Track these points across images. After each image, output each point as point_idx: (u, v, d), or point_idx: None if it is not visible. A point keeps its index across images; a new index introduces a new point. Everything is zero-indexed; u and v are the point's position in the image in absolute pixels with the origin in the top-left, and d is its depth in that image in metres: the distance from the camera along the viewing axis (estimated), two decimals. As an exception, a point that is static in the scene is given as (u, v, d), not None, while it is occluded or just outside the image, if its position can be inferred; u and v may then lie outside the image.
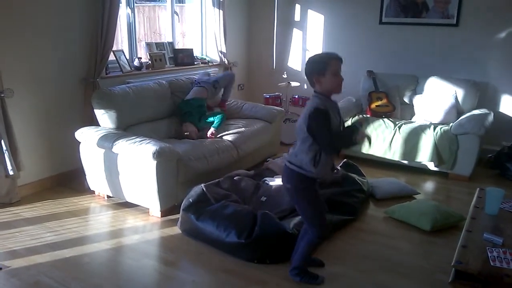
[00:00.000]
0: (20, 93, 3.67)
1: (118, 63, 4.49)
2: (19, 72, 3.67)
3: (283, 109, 5.39)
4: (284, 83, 5.68)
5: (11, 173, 3.58)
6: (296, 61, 6.27)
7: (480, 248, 2.36)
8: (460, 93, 4.84)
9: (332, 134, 2.38)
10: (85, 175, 3.90)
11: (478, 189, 3.14)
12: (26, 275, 2.73)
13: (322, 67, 2.38)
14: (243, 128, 4.55)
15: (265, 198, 3.55)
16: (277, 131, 5.15)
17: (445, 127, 4.49)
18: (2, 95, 3.47)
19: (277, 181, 3.83)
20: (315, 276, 2.73)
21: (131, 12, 4.71)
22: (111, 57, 4.33)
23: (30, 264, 2.84)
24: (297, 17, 6.12)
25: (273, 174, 4.06)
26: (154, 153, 3.31)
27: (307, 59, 2.48)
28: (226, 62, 5.93)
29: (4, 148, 3.53)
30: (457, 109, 4.79)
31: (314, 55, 2.46)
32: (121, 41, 4.89)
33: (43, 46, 3.82)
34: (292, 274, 2.73)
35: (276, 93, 5.72)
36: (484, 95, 4.95)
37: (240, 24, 6.34)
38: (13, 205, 3.69)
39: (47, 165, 4.04)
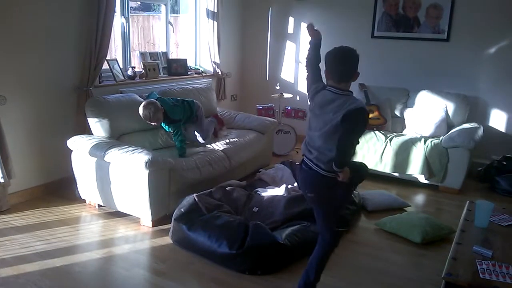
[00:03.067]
0: (12, 101, 3.66)
1: (112, 72, 4.49)
2: (12, 80, 3.66)
3: (275, 120, 5.42)
4: (277, 94, 5.72)
5: (1, 180, 3.55)
6: (289, 72, 6.32)
7: (469, 261, 2.38)
8: (450, 106, 4.91)
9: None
10: (76, 183, 3.88)
11: (468, 202, 3.17)
12: (15, 284, 2.70)
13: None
14: (236, 139, 4.57)
15: (257, 208, 3.56)
16: (270, 142, 5.17)
17: (436, 140, 4.54)
18: (-5, 102, 3.46)
19: (269, 192, 3.84)
20: None
21: (126, 22, 4.73)
22: (105, 66, 4.34)
23: (20, 273, 2.82)
24: (290, 29, 6.19)
25: (265, 185, 4.07)
26: (147, 162, 3.31)
27: (346, 51, 2.32)
28: (220, 72, 5.96)
29: (-5, 155, 3.51)
30: (447, 123, 4.85)
31: (355, 50, 2.31)
32: (115, 50, 4.90)
33: (36, 54, 3.82)
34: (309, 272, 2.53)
35: (269, 104, 5.75)
36: (474, 109, 5.03)
37: (234, 35, 6.39)
38: (3, 213, 3.66)
39: (38, 173, 4.01)
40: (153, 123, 3.93)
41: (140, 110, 3.84)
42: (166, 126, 4.11)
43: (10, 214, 3.65)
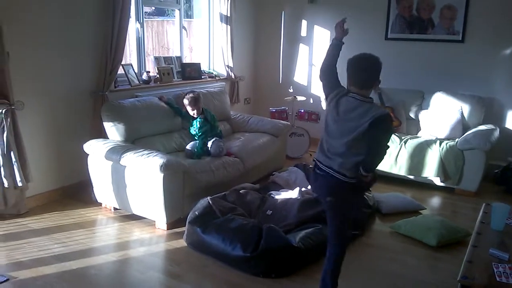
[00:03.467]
0: (30, 106, 3.73)
1: (127, 76, 4.55)
2: (29, 85, 3.74)
3: (289, 123, 5.43)
4: (290, 97, 5.72)
5: (19, 184, 3.62)
6: (302, 75, 6.33)
7: (486, 264, 2.35)
8: (466, 108, 4.86)
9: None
10: (92, 187, 3.94)
11: (484, 204, 3.14)
12: (33, 286, 2.75)
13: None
14: (249, 142, 4.58)
15: (271, 211, 3.56)
16: (283, 145, 5.18)
17: (451, 143, 4.50)
18: (13, 107, 3.52)
19: (283, 195, 3.85)
20: None
21: (140, 27, 4.79)
22: (120, 70, 4.40)
23: (38, 275, 2.87)
24: (303, 32, 6.19)
25: (279, 188, 4.08)
26: (162, 166, 3.34)
27: (369, 58, 2.41)
28: (233, 76, 5.99)
29: (14, 159, 3.57)
30: (463, 125, 4.80)
31: (380, 61, 2.37)
32: (129, 55, 4.97)
33: (53, 60, 3.89)
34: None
35: (282, 107, 5.75)
36: (490, 111, 4.96)
37: (247, 39, 6.42)
38: (21, 216, 3.72)
39: (55, 177, 4.08)
40: (191, 109, 4.22)
41: (189, 94, 4.25)
42: (197, 123, 4.24)
43: (28, 217, 3.72)
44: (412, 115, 5.19)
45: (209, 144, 4.19)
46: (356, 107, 2.33)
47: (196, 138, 4.24)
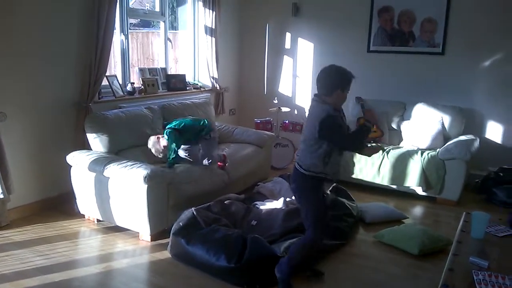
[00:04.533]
0: (12, 117, 3.70)
1: (111, 88, 4.54)
2: (12, 96, 3.71)
3: (273, 134, 5.46)
4: (275, 108, 5.77)
5: (1, 196, 3.57)
6: (286, 87, 6.39)
7: (466, 272, 2.39)
8: (446, 119, 4.95)
9: (347, 133, 2.63)
10: (75, 198, 3.90)
11: (464, 213, 3.19)
12: (14, 300, 2.71)
13: (345, 84, 2.59)
14: (234, 152, 4.60)
15: (256, 222, 3.57)
16: (268, 155, 5.20)
17: (432, 153, 4.58)
18: (-5, 118, 3.50)
19: (267, 205, 3.86)
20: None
21: (125, 38, 4.80)
22: (104, 82, 4.40)
23: (19, 288, 2.83)
24: (287, 45, 6.27)
25: (263, 198, 4.09)
26: (145, 177, 3.34)
27: (326, 68, 2.63)
28: (218, 87, 6.02)
29: (-5, 171, 3.53)
30: (443, 135, 4.89)
31: (340, 68, 2.60)
32: (114, 66, 4.96)
33: (36, 71, 3.87)
34: (277, 270, 2.82)
35: (267, 118, 5.79)
36: (471, 121, 5.07)
37: (232, 50, 6.46)
38: (3, 228, 3.67)
39: (37, 188, 4.03)
40: (161, 155, 3.96)
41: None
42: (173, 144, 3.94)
43: (9, 230, 3.66)
44: (394, 125, 5.27)
45: (181, 152, 4.12)
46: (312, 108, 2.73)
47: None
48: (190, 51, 6.00)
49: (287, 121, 5.75)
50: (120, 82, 4.76)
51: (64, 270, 3.07)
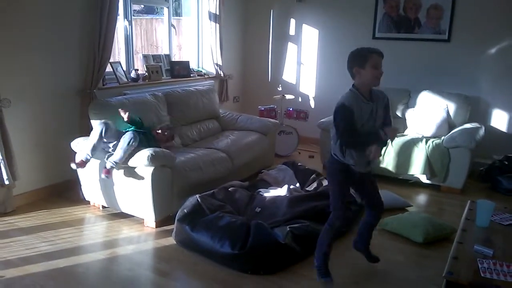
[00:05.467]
0: (17, 103, 3.69)
1: (115, 74, 4.53)
2: (16, 82, 3.70)
3: (277, 121, 5.45)
4: (279, 96, 5.75)
5: (6, 182, 3.59)
6: (291, 74, 6.35)
7: (471, 260, 2.39)
8: (451, 107, 4.92)
9: (350, 129, 2.56)
10: (80, 185, 3.92)
11: (469, 201, 3.19)
12: (20, 285, 2.73)
13: (363, 60, 2.54)
14: (238, 140, 4.59)
15: (260, 209, 3.58)
16: (272, 143, 5.20)
17: (437, 141, 4.56)
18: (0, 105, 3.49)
19: (271, 192, 3.87)
20: (328, 273, 2.79)
21: (129, 25, 4.77)
22: (108, 68, 4.38)
23: (25, 274, 2.85)
24: (292, 31, 6.21)
25: (267, 185, 4.10)
26: (149, 156, 3.34)
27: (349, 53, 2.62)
28: (222, 74, 5.99)
29: (0, 157, 3.54)
30: (448, 123, 4.86)
31: (356, 49, 2.60)
32: (118, 53, 4.94)
33: (40, 57, 3.86)
34: (315, 260, 2.85)
35: (271, 106, 5.78)
36: (476, 109, 5.03)
37: (236, 37, 6.42)
38: (8, 214, 3.70)
39: (42, 175, 4.05)
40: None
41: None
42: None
43: (15, 216, 3.69)
44: (398, 113, 5.24)
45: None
46: None
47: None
48: (194, 38, 5.96)
49: (291, 109, 5.74)
50: (124, 69, 4.75)
51: (69, 256, 3.10)
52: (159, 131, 3.95)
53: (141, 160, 3.37)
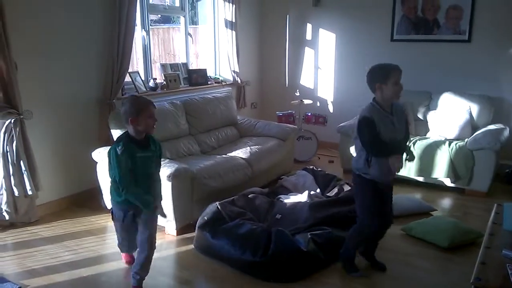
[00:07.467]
0: (38, 115, 3.75)
1: (134, 84, 4.58)
2: (37, 95, 3.77)
3: (296, 126, 5.42)
4: (297, 101, 5.72)
5: (30, 193, 3.64)
6: (308, 79, 6.32)
7: (499, 265, 2.32)
8: (474, 108, 4.82)
9: (375, 139, 2.63)
10: (102, 194, 3.95)
11: (495, 205, 3.10)
12: (44, 294, 2.76)
13: (385, 76, 2.64)
14: (257, 146, 4.58)
15: (280, 215, 3.55)
16: (291, 148, 5.17)
17: (461, 143, 4.47)
18: (22, 117, 3.55)
19: (291, 199, 3.83)
20: (356, 269, 2.96)
21: (146, 35, 4.82)
22: (127, 78, 4.43)
23: (49, 283, 2.88)
24: (308, 36, 6.19)
25: (287, 192, 4.07)
26: (170, 176, 3.35)
27: (371, 67, 2.71)
28: (239, 81, 6.00)
29: (23, 168, 3.60)
30: (471, 125, 4.76)
31: (377, 65, 2.71)
32: (136, 63, 4.99)
33: (60, 69, 3.92)
34: (340, 257, 3.02)
35: (289, 111, 5.75)
36: (499, 110, 4.92)
37: (253, 43, 6.43)
38: (32, 224, 3.75)
39: (64, 185, 4.10)
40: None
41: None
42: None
43: (38, 225, 3.74)
44: (420, 116, 5.16)
45: None
46: None
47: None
48: (211, 46, 5.99)
49: (309, 114, 5.70)
50: (143, 78, 4.79)
51: (92, 265, 3.12)
52: None
53: (162, 176, 3.37)
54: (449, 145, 4.47)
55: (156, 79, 4.94)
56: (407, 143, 2.92)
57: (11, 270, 3.03)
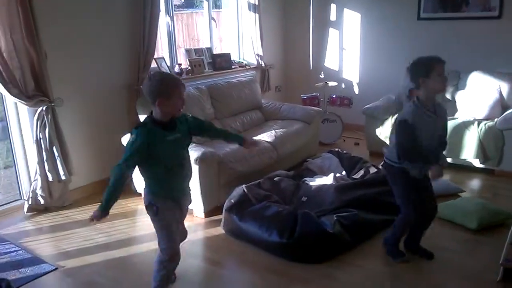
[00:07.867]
0: (69, 102, 3.86)
1: (160, 70, 4.63)
2: (67, 82, 3.87)
3: (321, 109, 5.40)
4: (321, 83, 5.68)
5: (63, 178, 3.77)
6: (333, 60, 6.26)
7: (529, 246, 2.30)
8: (504, 87, 4.69)
9: (412, 147, 2.58)
10: (132, 178, 4.05)
11: (526, 185, 3.06)
12: (80, 275, 2.89)
13: (428, 69, 2.54)
14: (282, 129, 4.60)
15: (306, 198, 3.58)
16: (316, 131, 5.16)
17: (490, 123, 4.37)
18: (53, 104, 3.66)
19: (317, 181, 3.85)
20: (401, 253, 2.94)
21: (170, 20, 4.85)
22: (153, 64, 4.48)
23: (84, 264, 3.00)
24: (333, 16, 6.11)
25: (312, 174, 4.08)
26: (196, 159, 3.41)
27: (412, 62, 2.64)
28: (263, 64, 5.99)
29: (56, 154, 3.72)
30: (501, 104, 4.64)
31: (417, 59, 2.62)
32: (161, 49, 5.04)
33: (88, 57, 4.01)
34: (384, 244, 3.02)
35: (314, 94, 5.72)
36: (531, 89, 4.77)
37: (276, 26, 6.39)
38: (66, 208, 3.89)
39: (96, 169, 4.22)
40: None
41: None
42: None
43: (72, 209, 3.88)
44: (448, 96, 5.05)
45: None
46: None
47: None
48: (234, 29, 5.99)
49: (334, 96, 5.67)
50: (168, 64, 4.84)
51: (124, 246, 3.23)
52: None
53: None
54: (478, 125, 4.38)
55: (181, 64, 4.99)
56: (443, 151, 2.79)
57: (47, 252, 3.17)
